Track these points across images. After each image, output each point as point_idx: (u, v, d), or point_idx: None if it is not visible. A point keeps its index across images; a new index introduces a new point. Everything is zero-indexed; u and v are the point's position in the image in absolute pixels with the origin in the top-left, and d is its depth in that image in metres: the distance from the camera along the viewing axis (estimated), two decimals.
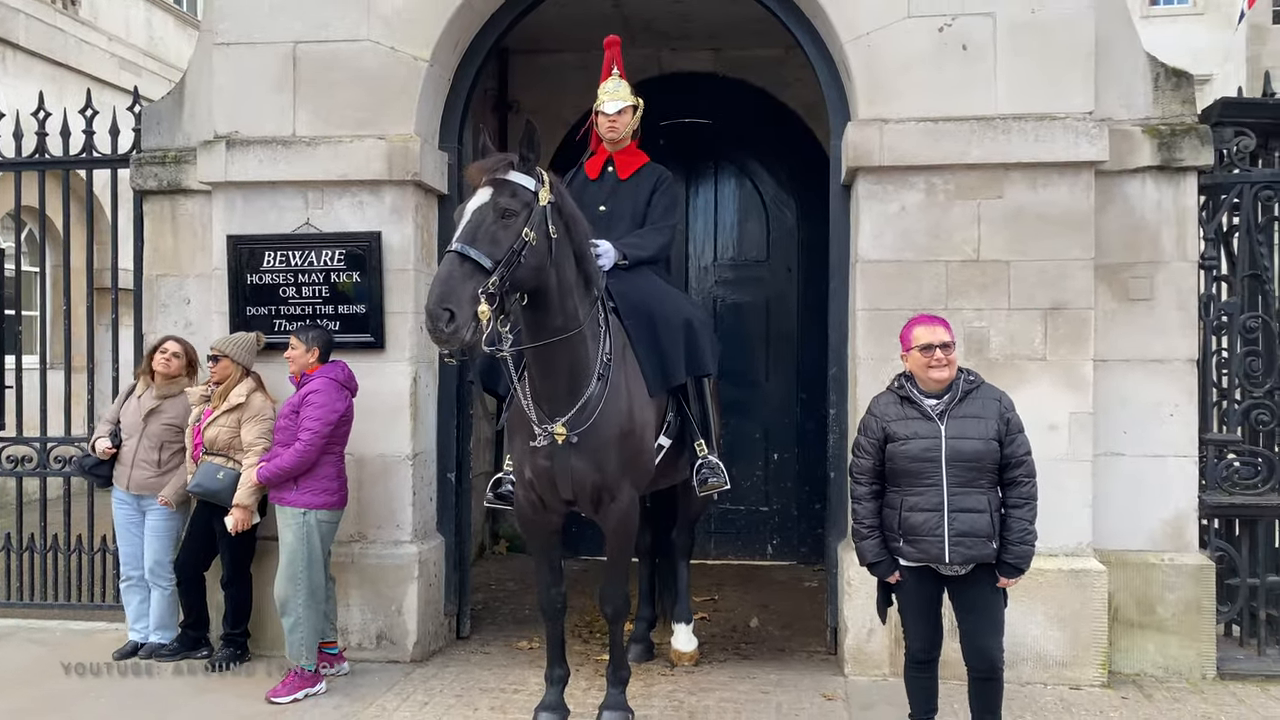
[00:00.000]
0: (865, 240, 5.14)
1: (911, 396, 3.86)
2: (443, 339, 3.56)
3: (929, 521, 3.75)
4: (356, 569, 5.45)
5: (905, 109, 5.11)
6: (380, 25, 5.44)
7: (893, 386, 3.97)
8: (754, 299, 8.03)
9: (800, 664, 5.42)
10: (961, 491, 3.73)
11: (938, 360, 3.79)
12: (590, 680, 5.06)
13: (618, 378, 4.32)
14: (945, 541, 3.73)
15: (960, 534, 3.72)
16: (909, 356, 3.89)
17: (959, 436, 3.75)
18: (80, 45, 11.88)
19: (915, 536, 3.78)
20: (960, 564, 3.77)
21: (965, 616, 3.86)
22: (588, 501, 4.38)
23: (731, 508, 7.86)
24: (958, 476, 3.74)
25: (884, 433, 3.85)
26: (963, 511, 3.72)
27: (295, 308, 5.49)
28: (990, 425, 3.77)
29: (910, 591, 3.91)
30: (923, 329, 3.86)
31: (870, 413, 3.97)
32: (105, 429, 5.56)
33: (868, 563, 3.96)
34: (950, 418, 3.79)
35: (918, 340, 3.84)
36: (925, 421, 3.80)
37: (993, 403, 3.83)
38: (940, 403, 3.83)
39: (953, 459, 3.74)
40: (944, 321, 3.93)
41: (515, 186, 3.83)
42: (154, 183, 5.81)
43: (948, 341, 3.82)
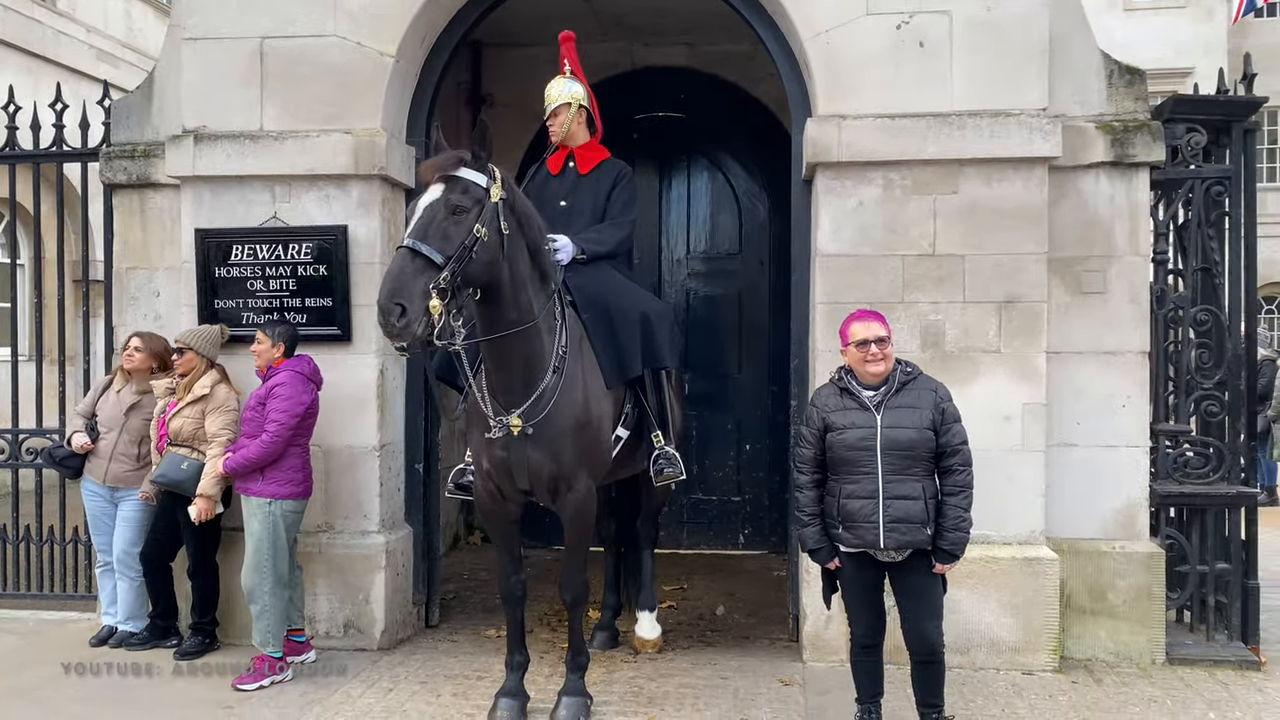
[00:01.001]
0: (824, 235, 5.22)
1: (850, 388, 3.98)
2: (394, 333, 3.64)
3: (865, 508, 3.86)
4: (324, 559, 5.53)
5: (864, 105, 5.19)
6: (346, 21, 5.49)
7: (834, 379, 4.09)
8: (726, 292, 8.11)
9: (762, 651, 5.51)
10: (896, 479, 3.84)
11: (873, 355, 3.91)
12: (554, 668, 5.14)
13: (574, 370, 4.40)
14: (880, 528, 3.84)
15: (895, 520, 3.83)
16: (847, 351, 4.01)
17: (894, 426, 3.86)
18: (58, 37, 11.89)
19: (852, 523, 3.89)
20: (895, 549, 3.88)
21: (904, 602, 3.96)
22: (545, 491, 4.46)
23: (704, 498, 7.96)
24: (892, 464, 3.84)
25: (824, 423, 3.96)
26: (897, 499, 3.83)
27: (263, 301, 5.55)
28: (925, 415, 3.87)
29: (851, 578, 4.02)
30: (859, 325, 3.97)
31: (812, 404, 4.12)
32: (80, 423, 5.61)
33: (808, 549, 4.07)
34: (886, 408, 3.90)
35: (854, 336, 3.96)
36: (862, 412, 3.91)
37: (928, 393, 3.94)
38: (877, 394, 3.93)
39: (888, 448, 3.85)
40: (880, 316, 4.04)
41: (466, 183, 3.90)
42: (123, 176, 5.85)
43: (883, 336, 3.94)
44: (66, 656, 5.32)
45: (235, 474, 4.98)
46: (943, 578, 3.97)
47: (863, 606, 4.04)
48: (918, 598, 3.93)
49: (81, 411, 5.67)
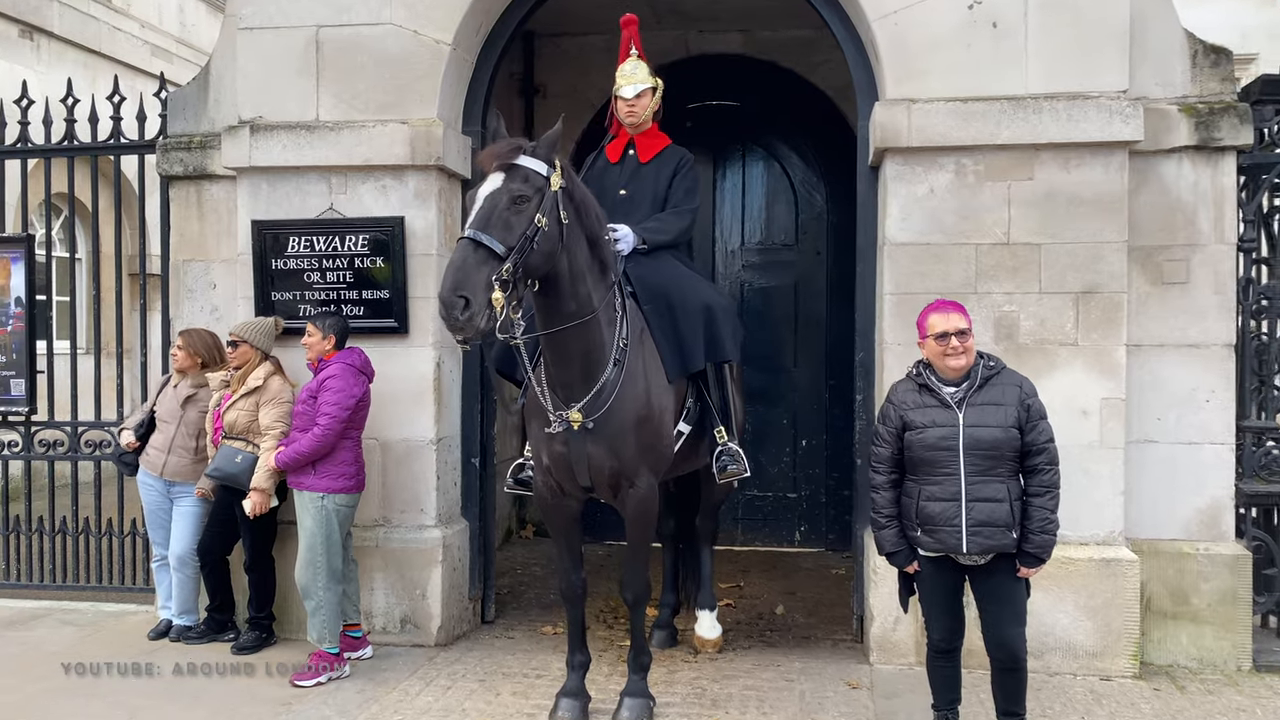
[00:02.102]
0: (893, 223, 5.05)
1: (929, 384, 3.78)
2: (457, 326, 3.54)
3: (946, 511, 3.68)
4: (381, 553, 5.47)
5: (934, 89, 5.01)
6: (402, 9, 5.41)
7: (911, 374, 3.90)
8: (782, 283, 7.95)
9: (825, 652, 5.37)
10: (979, 480, 3.66)
11: (953, 348, 3.71)
12: (613, 666, 5.04)
13: (635, 363, 4.29)
14: (963, 531, 3.66)
15: (978, 524, 3.65)
16: (925, 345, 3.81)
17: (977, 424, 3.67)
18: (113, 33, 11.99)
19: (932, 526, 3.71)
20: (978, 554, 3.70)
21: (986, 606, 3.79)
22: (606, 488, 4.35)
23: (759, 494, 7.81)
24: (976, 465, 3.66)
25: (901, 421, 3.78)
26: (981, 501, 3.65)
27: (320, 293, 5.50)
28: (1010, 412, 3.68)
29: (930, 581, 3.85)
30: (938, 316, 3.77)
31: (889, 401, 3.90)
32: (135, 420, 5.61)
33: (885, 552, 3.91)
34: (968, 405, 3.71)
35: (933, 328, 3.76)
36: (943, 409, 3.73)
37: (1013, 389, 3.73)
38: (958, 390, 3.74)
39: (970, 447, 3.66)
40: (960, 307, 3.83)
41: (527, 172, 3.80)
42: (180, 168, 5.83)
43: (964, 328, 3.73)
44: (125, 649, 5.33)
45: (287, 468, 4.92)
46: (1026, 582, 3.79)
47: (941, 611, 3.87)
48: (1000, 603, 3.75)
49: (146, 407, 5.67)
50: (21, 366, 6.37)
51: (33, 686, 4.85)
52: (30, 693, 4.78)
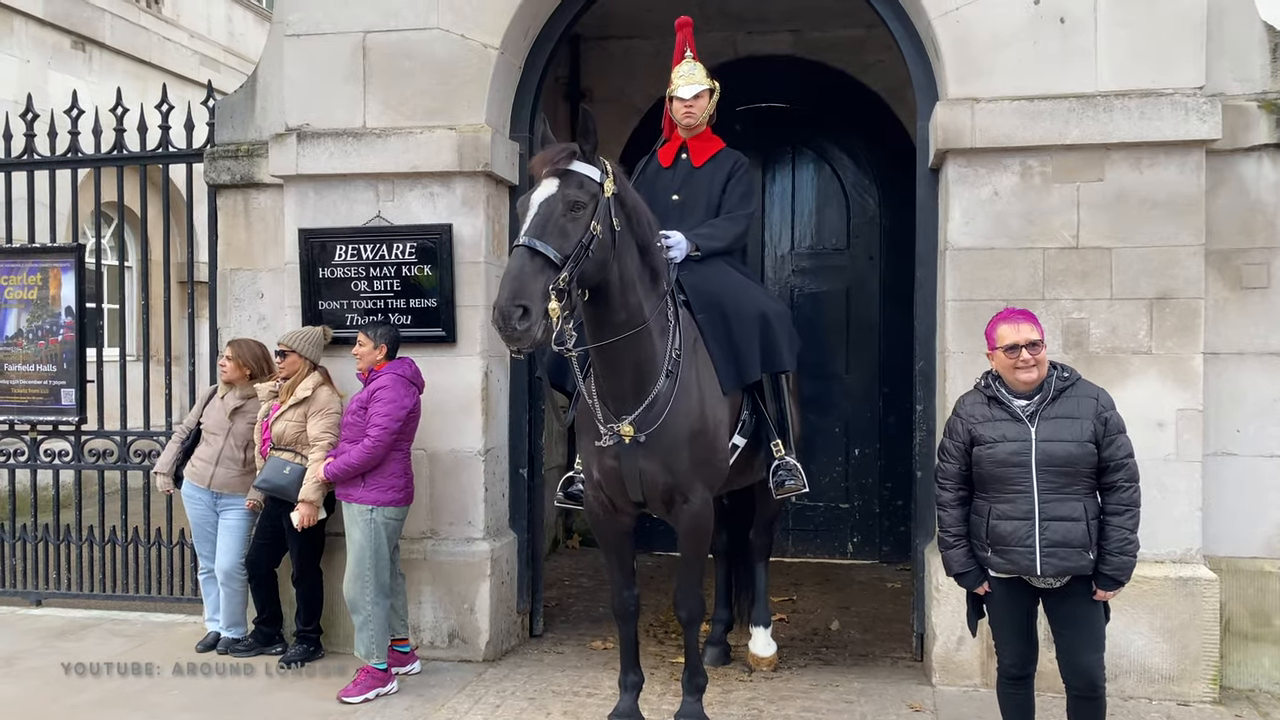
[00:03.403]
0: (955, 226, 4.87)
1: (999, 397, 3.58)
2: (514, 336, 3.42)
3: (1019, 531, 3.47)
4: (429, 566, 5.38)
5: (998, 87, 4.82)
6: (450, 13, 5.33)
7: (980, 386, 3.70)
8: (833, 288, 7.77)
9: (885, 671, 5.19)
10: (1054, 498, 3.45)
11: (1024, 361, 3.50)
12: (665, 685, 4.91)
13: (688, 374, 4.15)
14: (1036, 552, 3.46)
15: (1053, 544, 3.44)
16: (994, 356, 3.61)
17: (1051, 439, 3.46)
18: (163, 43, 12.11)
19: (1004, 547, 3.51)
20: (1053, 576, 3.49)
21: (1062, 631, 3.58)
22: (659, 503, 4.22)
23: (810, 504, 7.63)
24: (1050, 482, 3.45)
25: (970, 436, 3.59)
26: (1056, 520, 3.44)
27: (367, 301, 5.43)
28: (1086, 426, 3.47)
29: (1001, 604, 3.65)
30: (1007, 327, 3.56)
31: (956, 414, 3.70)
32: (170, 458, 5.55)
33: (954, 573, 3.71)
34: (1041, 419, 3.50)
35: (1002, 339, 3.55)
36: (1014, 423, 3.52)
37: (1089, 401, 3.52)
38: (1030, 403, 3.54)
39: (1044, 463, 3.45)
40: (1031, 316, 3.61)
41: (581, 178, 3.68)
42: (227, 176, 5.80)
43: (1035, 339, 3.52)
44: (173, 661, 5.29)
45: (336, 480, 4.84)
46: (1105, 605, 3.58)
47: (1013, 635, 3.66)
48: (1077, 627, 3.54)
49: (188, 424, 5.61)
50: (72, 376, 6.38)
51: (74, 698, 4.82)
52: (71, 704, 4.75)
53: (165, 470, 5.55)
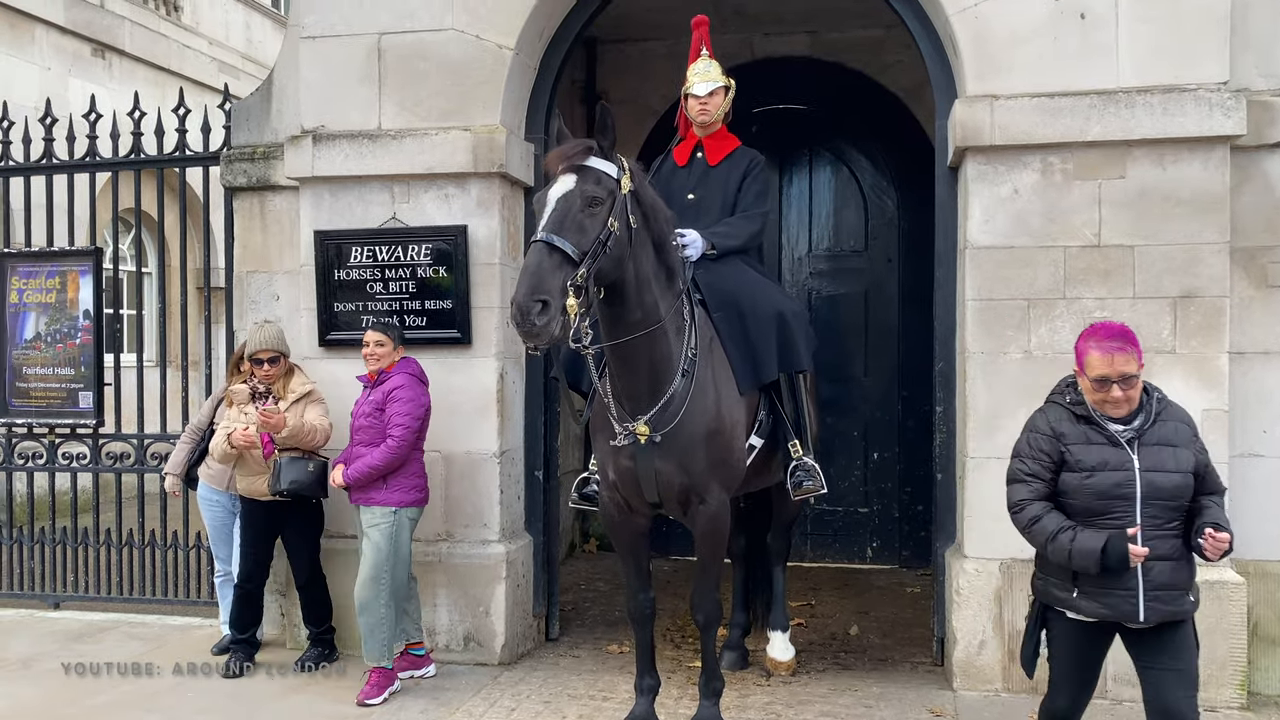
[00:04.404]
0: (975, 225, 4.81)
1: (1091, 416, 3.18)
2: (533, 332, 3.37)
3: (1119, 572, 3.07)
4: (444, 568, 5.36)
5: (1017, 84, 4.76)
6: (465, 14, 5.32)
7: (1063, 400, 3.26)
8: (851, 291, 7.71)
9: (904, 676, 5.12)
10: (1157, 535, 3.06)
11: (1114, 400, 3.11)
12: (682, 689, 4.86)
13: (704, 374, 4.11)
14: (1140, 597, 3.08)
15: (1157, 587, 3.08)
16: (1081, 377, 3.21)
17: (1155, 469, 3.09)
18: (182, 50, 12.19)
19: (1098, 589, 3.12)
20: (1156, 622, 3.13)
21: (1148, 668, 3.20)
22: (675, 504, 4.18)
23: (829, 509, 7.57)
24: (1154, 517, 3.08)
25: (1061, 457, 3.16)
26: (1160, 560, 3.06)
27: (382, 303, 5.42)
28: (1184, 455, 3.12)
29: (1074, 648, 3.27)
30: (1098, 356, 3.11)
31: (1035, 430, 3.25)
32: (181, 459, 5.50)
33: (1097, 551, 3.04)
34: (1142, 445, 3.12)
35: (1091, 369, 3.13)
36: (1113, 449, 3.12)
37: (1183, 427, 3.18)
38: (1128, 428, 3.14)
39: (1150, 496, 3.08)
40: (1129, 338, 3.14)
41: (599, 174, 3.65)
42: (243, 179, 5.81)
43: (1131, 375, 3.09)
44: (189, 663, 5.27)
45: (358, 484, 4.78)
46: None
47: (1077, 683, 3.29)
48: (1170, 665, 3.15)
49: (198, 424, 5.57)
50: (90, 379, 6.40)
51: (91, 699, 4.82)
52: (88, 705, 4.74)
53: (176, 471, 5.52)
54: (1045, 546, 3.19)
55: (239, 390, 5.18)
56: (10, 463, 6.61)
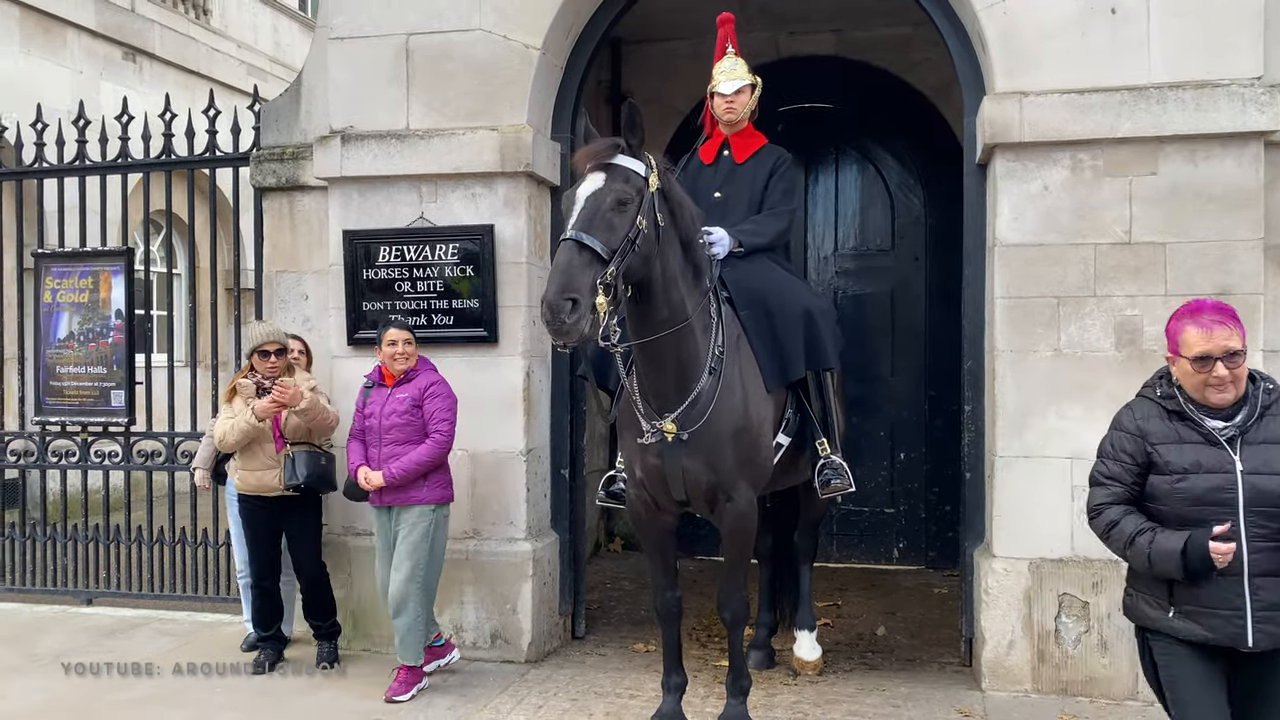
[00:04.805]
0: (1004, 222, 4.78)
1: (1185, 412, 2.85)
2: (563, 330, 3.37)
3: (1221, 590, 2.75)
4: (471, 566, 5.38)
5: (1047, 80, 4.73)
6: (493, 14, 5.34)
7: (1153, 394, 2.95)
8: (878, 290, 7.68)
9: (932, 676, 5.09)
10: (1266, 547, 2.73)
11: (1218, 380, 2.76)
12: (709, 687, 4.85)
13: (731, 372, 4.10)
14: (1248, 619, 2.74)
15: (1268, 608, 2.73)
16: (1176, 363, 2.87)
17: (1261, 471, 2.75)
18: (211, 54, 12.31)
19: (1199, 609, 2.79)
20: (1267, 648, 2.78)
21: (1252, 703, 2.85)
22: (702, 502, 4.18)
23: (855, 509, 7.54)
24: (1261, 527, 2.73)
25: (1148, 458, 2.86)
26: (1268, 576, 2.73)
27: (410, 302, 5.45)
28: None
29: (1190, 677, 2.86)
30: (1196, 331, 2.78)
31: (1119, 428, 2.96)
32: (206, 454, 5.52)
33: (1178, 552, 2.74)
34: (1245, 444, 2.78)
35: (1189, 347, 2.79)
36: (1210, 448, 2.79)
37: None
38: (1229, 425, 2.80)
39: (1254, 502, 2.73)
40: (1228, 313, 2.82)
41: (628, 172, 3.66)
42: (273, 180, 5.86)
43: (1235, 350, 2.76)
44: (217, 660, 5.31)
45: (404, 480, 4.72)
46: None
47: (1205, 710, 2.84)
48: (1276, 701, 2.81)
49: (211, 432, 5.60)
50: (121, 378, 6.47)
51: (120, 694, 4.87)
52: (117, 700, 4.80)
53: (204, 465, 5.55)
54: (1125, 552, 2.88)
55: (246, 384, 5.18)
56: (44, 460, 6.70)
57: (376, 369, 4.97)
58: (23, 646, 5.65)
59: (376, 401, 4.88)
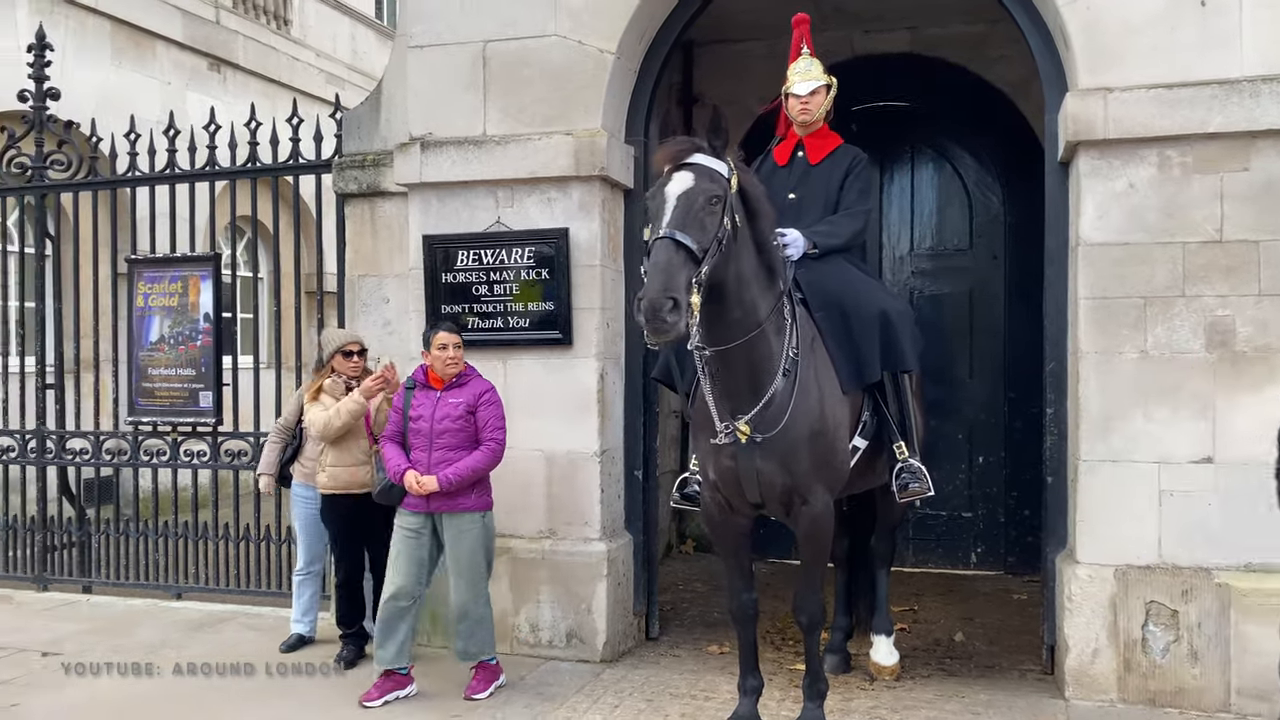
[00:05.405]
0: (1088, 222, 4.67)
1: None
2: (662, 330, 3.36)
3: None
4: (547, 565, 5.44)
5: (1133, 76, 4.61)
6: (567, 19, 5.40)
7: None
8: (955, 290, 7.57)
9: (1012, 684, 5.00)
10: None
11: None
12: (784, 691, 4.84)
13: (806, 374, 4.08)
14: None
15: None
16: None
17: None
18: (291, 63, 12.64)
19: None
20: None
21: None
22: (777, 505, 4.17)
23: (932, 513, 7.43)
24: None
25: None
26: None
27: (487, 305, 5.54)
28: None
29: None
30: None
31: None
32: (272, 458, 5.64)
33: None
34: None
35: None
36: None
37: None
38: None
39: None
40: None
41: (713, 171, 3.67)
42: (354, 186, 5.99)
43: None
44: (306, 661, 5.43)
45: (454, 487, 4.69)
46: None
47: None
48: None
49: (285, 424, 5.69)
50: (209, 380, 6.68)
51: (205, 690, 5.02)
52: (198, 693, 4.94)
53: (269, 470, 5.67)
54: None
55: (337, 382, 5.32)
56: (136, 459, 6.95)
57: (421, 369, 4.90)
58: (121, 638, 5.87)
59: (425, 404, 4.79)
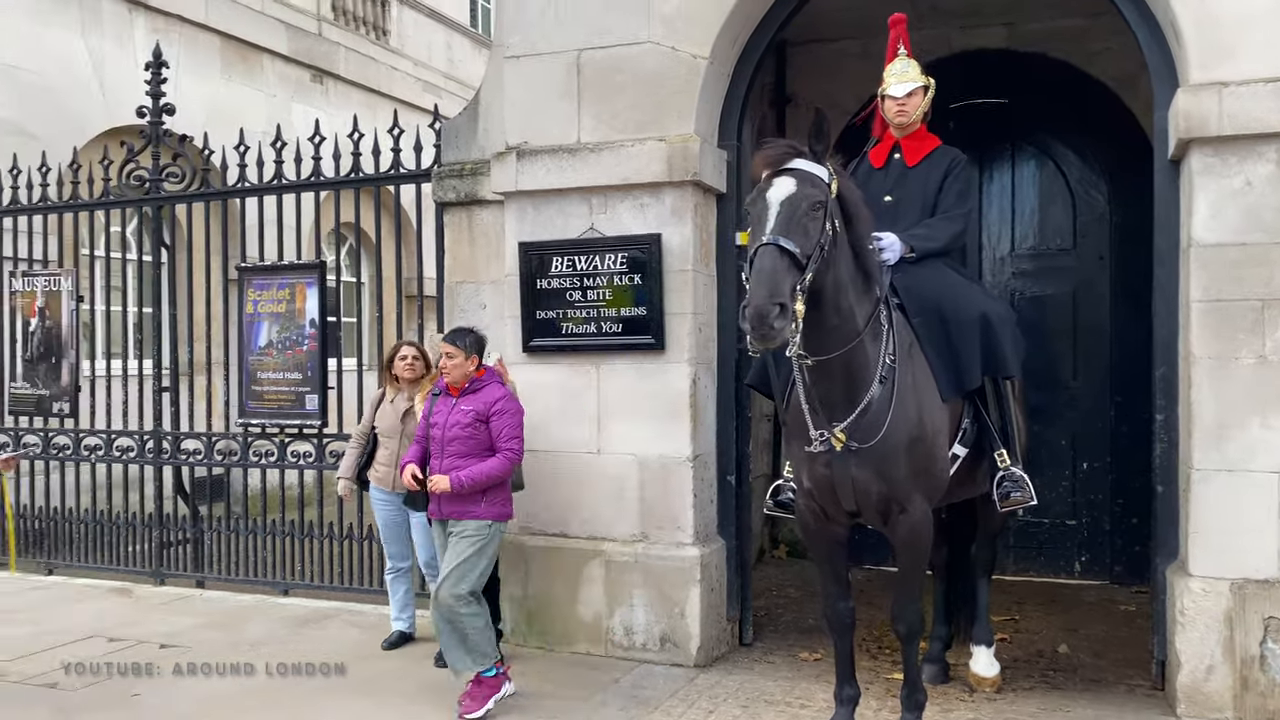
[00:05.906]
0: (1200, 221, 4.50)
1: None
2: (769, 336, 3.37)
3: None
4: (640, 569, 5.47)
5: (1248, 69, 4.43)
6: (660, 26, 5.42)
7: None
8: (1058, 291, 7.35)
9: (1120, 699, 4.85)
10: None
11: None
12: (881, 700, 4.78)
13: (904, 380, 4.02)
14: None
15: None
16: None
17: None
18: (390, 73, 12.97)
19: None
20: None
21: None
22: (874, 513, 4.12)
23: (1034, 520, 7.23)
24: None
25: None
26: None
27: (581, 310, 5.60)
28: None
29: None
30: None
31: None
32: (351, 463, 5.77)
33: None
34: None
35: None
36: None
37: None
38: None
39: None
40: None
41: (813, 176, 3.65)
42: (452, 195, 6.13)
43: None
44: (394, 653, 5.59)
45: (465, 490, 4.64)
46: None
47: None
48: None
49: (364, 429, 5.81)
50: (315, 383, 6.91)
51: (306, 685, 5.18)
52: (303, 688, 5.10)
53: (348, 475, 5.80)
54: None
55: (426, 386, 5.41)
56: (246, 459, 7.22)
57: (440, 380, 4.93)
58: (232, 633, 6.11)
59: (441, 411, 4.80)
